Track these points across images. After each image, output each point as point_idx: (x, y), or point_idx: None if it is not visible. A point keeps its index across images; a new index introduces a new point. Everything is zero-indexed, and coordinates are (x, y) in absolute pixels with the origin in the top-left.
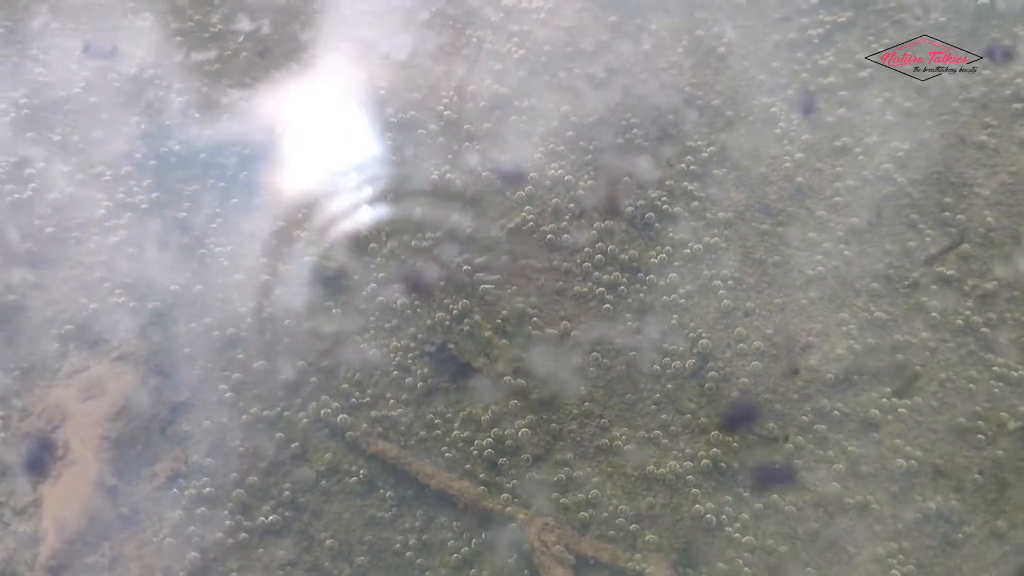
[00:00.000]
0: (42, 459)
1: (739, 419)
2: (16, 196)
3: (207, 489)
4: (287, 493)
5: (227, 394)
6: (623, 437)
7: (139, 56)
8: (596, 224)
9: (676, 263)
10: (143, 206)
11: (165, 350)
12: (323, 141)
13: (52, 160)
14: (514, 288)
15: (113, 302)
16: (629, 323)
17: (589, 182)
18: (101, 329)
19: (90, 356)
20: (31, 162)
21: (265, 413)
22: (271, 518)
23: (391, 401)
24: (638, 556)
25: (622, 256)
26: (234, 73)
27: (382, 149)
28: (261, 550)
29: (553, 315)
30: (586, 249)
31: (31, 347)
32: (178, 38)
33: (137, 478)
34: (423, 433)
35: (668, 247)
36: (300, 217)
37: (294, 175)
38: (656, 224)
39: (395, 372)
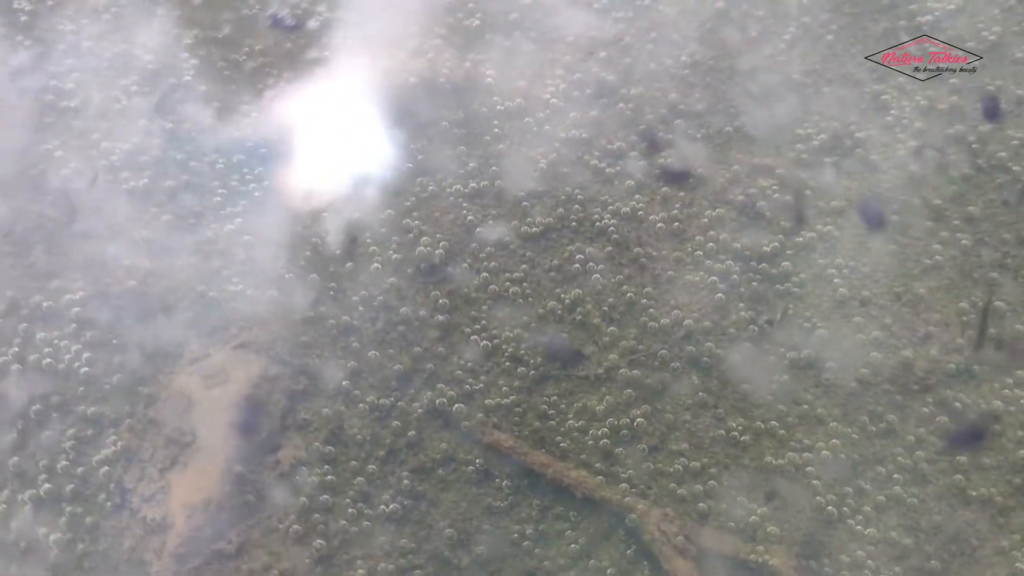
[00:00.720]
0: None
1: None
2: (132, 184)
3: (328, 477)
4: (406, 482)
5: (343, 383)
6: (739, 428)
7: (247, 44)
8: (707, 213)
9: (789, 251)
10: (256, 193)
11: (282, 339)
12: (445, 139)
13: (167, 148)
14: (626, 275)
15: (231, 290)
16: (743, 312)
17: (699, 170)
18: (219, 317)
19: (210, 344)
20: (146, 150)
21: (381, 402)
22: (391, 506)
23: (504, 389)
24: (760, 548)
25: (735, 244)
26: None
27: (490, 140)
28: (383, 538)
29: (665, 304)
30: (697, 238)
31: (152, 334)
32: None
33: (261, 465)
34: (536, 423)
35: (780, 235)
36: (407, 206)
37: (409, 169)
38: (767, 213)
39: (507, 363)
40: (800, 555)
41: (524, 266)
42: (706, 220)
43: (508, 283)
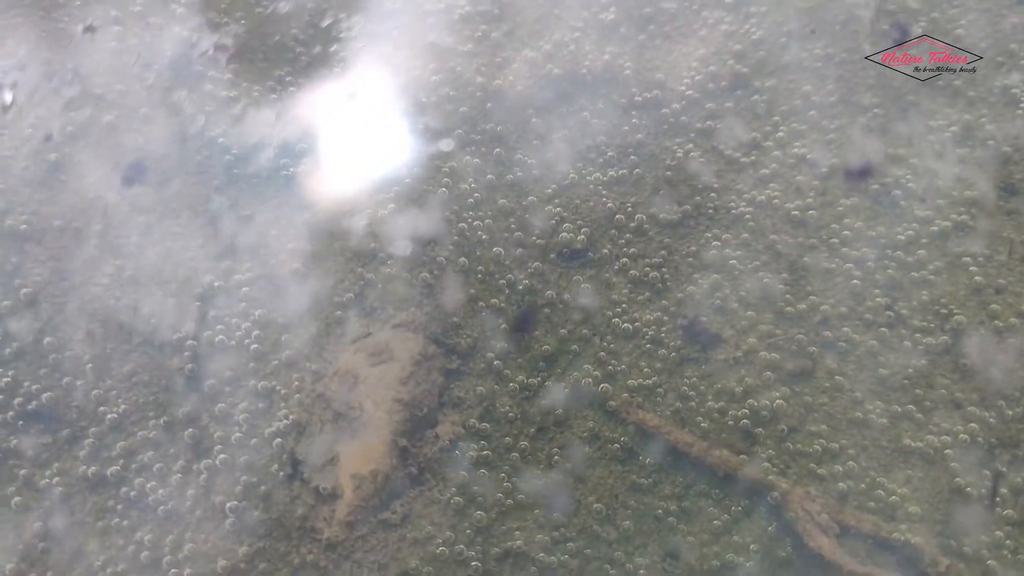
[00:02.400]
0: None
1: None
2: (291, 170)
3: (484, 452)
4: (556, 458)
5: (495, 363)
6: (876, 411)
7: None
8: (841, 201)
9: (923, 240)
10: (407, 180)
11: (436, 320)
12: (586, 128)
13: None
14: (762, 262)
15: (386, 272)
16: (878, 299)
17: (833, 160)
18: (377, 298)
19: (370, 323)
20: (303, 139)
21: (529, 381)
22: (542, 481)
23: (645, 370)
24: (903, 527)
25: (869, 233)
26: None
27: (628, 130)
28: (536, 511)
29: (801, 290)
30: (832, 226)
31: (314, 314)
32: None
33: (422, 440)
34: (677, 404)
35: (915, 224)
36: (548, 194)
37: (550, 158)
38: (902, 202)
39: (648, 345)
40: (941, 534)
41: (663, 252)
42: (840, 208)
43: (648, 268)
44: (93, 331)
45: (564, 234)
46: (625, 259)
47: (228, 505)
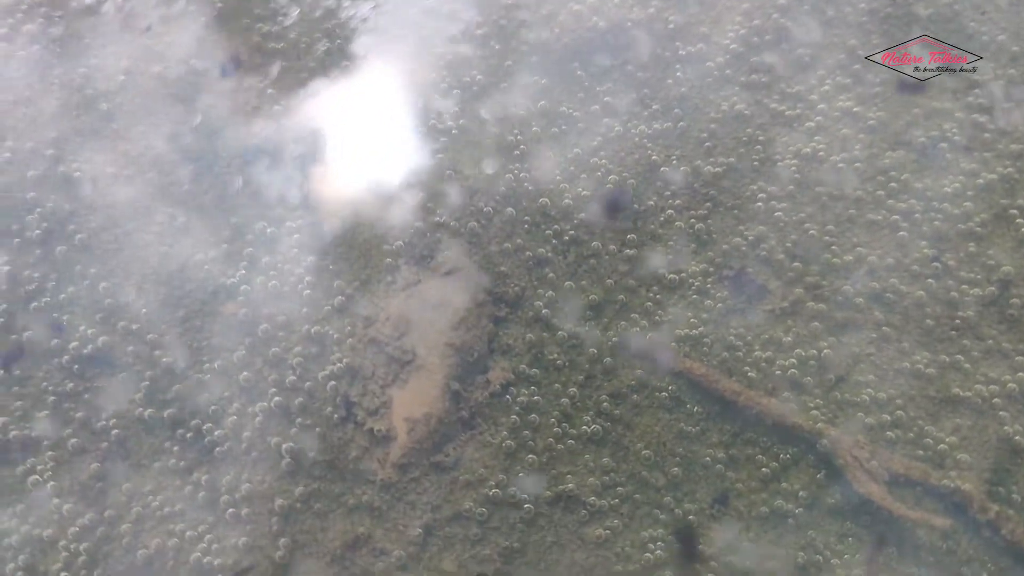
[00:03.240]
0: None
1: None
2: (341, 124)
3: (535, 398)
4: (605, 404)
5: (543, 311)
6: (923, 361)
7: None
8: (887, 154)
9: (970, 192)
10: (454, 132)
11: (484, 268)
12: (630, 81)
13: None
14: (808, 214)
15: (434, 221)
16: (925, 250)
17: (879, 113)
18: (425, 245)
19: (420, 271)
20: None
21: (577, 330)
22: (592, 427)
23: (692, 321)
24: (953, 474)
25: (916, 185)
26: None
27: (672, 84)
28: (587, 456)
29: (848, 241)
30: (878, 178)
31: (364, 262)
32: None
33: (474, 385)
34: (724, 354)
35: (961, 176)
36: (594, 146)
37: (596, 111)
38: (948, 155)
39: (694, 296)
40: (990, 482)
41: (708, 204)
42: (886, 161)
43: (693, 220)
44: (147, 277)
45: (609, 186)
46: (670, 211)
47: (284, 447)
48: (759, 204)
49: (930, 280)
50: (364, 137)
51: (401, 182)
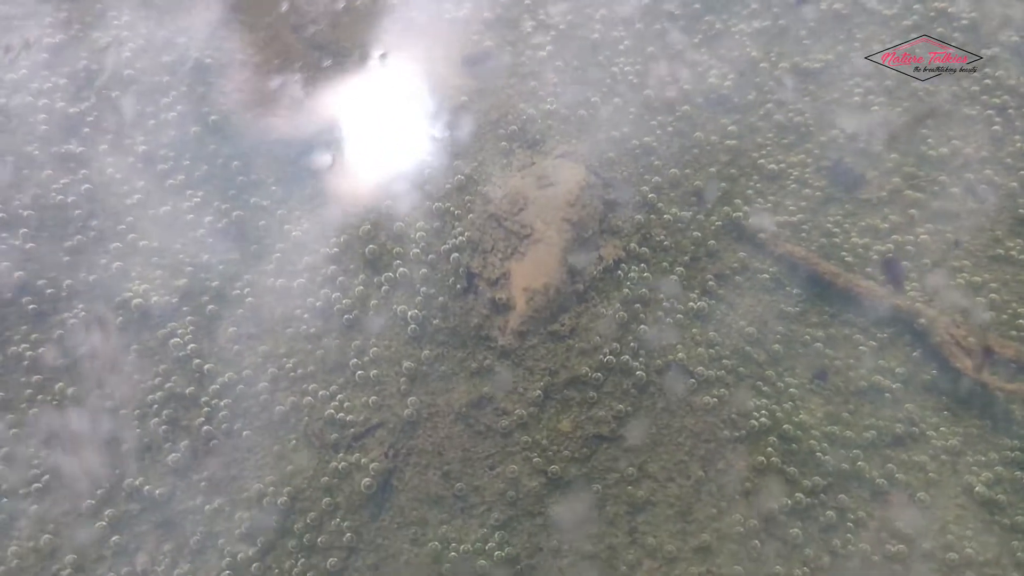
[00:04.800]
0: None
1: None
2: (454, 14)
3: (645, 275)
4: (710, 283)
5: (649, 195)
6: (1017, 248)
7: None
8: (981, 51)
9: None
10: (561, 27)
11: (594, 154)
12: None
13: None
14: (904, 108)
15: (545, 108)
16: (1018, 144)
17: (972, 14)
18: (538, 131)
19: (533, 154)
20: None
21: (682, 214)
22: (698, 304)
23: (791, 208)
24: None
25: (1009, 81)
26: None
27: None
28: (695, 330)
29: (943, 135)
30: (974, 74)
31: (480, 145)
32: None
33: (588, 261)
34: (822, 240)
35: None
36: (695, 43)
37: (697, 9)
38: None
39: (793, 185)
40: None
41: (806, 99)
42: (982, 59)
43: (791, 114)
44: (273, 150)
45: (711, 80)
46: (770, 104)
47: (409, 314)
48: (857, 98)
49: (1023, 172)
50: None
51: (510, 71)
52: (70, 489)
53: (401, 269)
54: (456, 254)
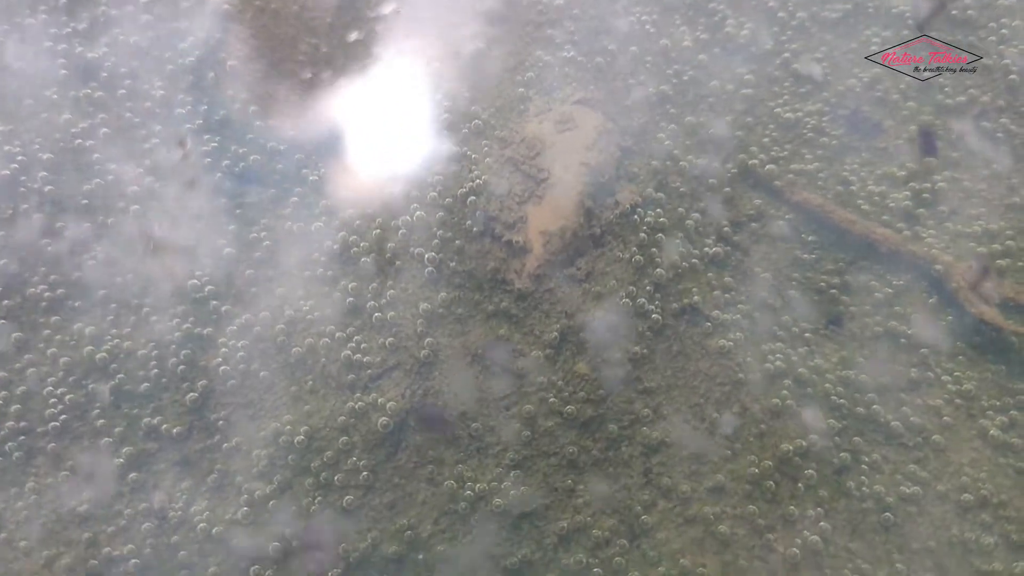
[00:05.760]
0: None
1: None
2: None
3: (661, 219)
4: (726, 229)
5: (665, 142)
6: None
7: None
8: (999, 3)
9: None
10: None
11: (610, 100)
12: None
13: None
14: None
15: (562, 56)
16: None
17: None
18: (555, 78)
19: (550, 101)
20: None
21: (699, 161)
22: (714, 249)
23: (807, 157)
24: None
25: None
26: None
27: None
28: (710, 274)
29: (960, 84)
30: (990, 24)
31: (497, 91)
32: None
33: (604, 206)
34: (838, 188)
35: None
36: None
37: None
38: None
39: (809, 134)
40: None
41: (823, 48)
42: (998, 9)
43: (810, 62)
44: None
45: (728, 29)
46: (787, 54)
47: (426, 256)
48: (874, 47)
49: None
50: None
51: (528, 21)
52: (89, 427)
53: (418, 212)
54: (473, 197)
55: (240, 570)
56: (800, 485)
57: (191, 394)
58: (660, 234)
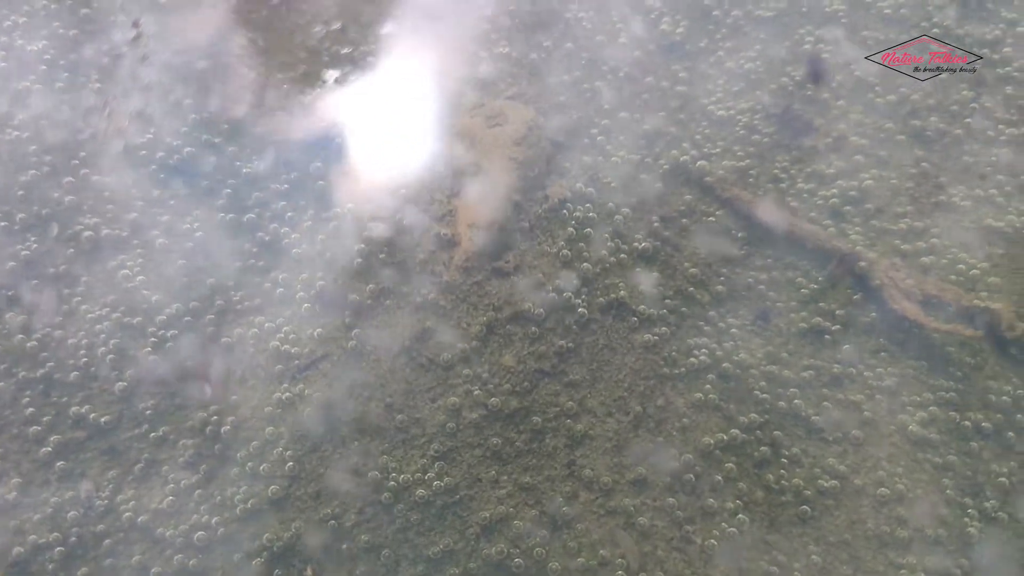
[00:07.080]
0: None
1: None
2: None
3: (590, 214)
4: (656, 224)
5: (598, 137)
6: (958, 195)
7: None
8: (931, 1)
9: (1009, 40)
10: None
11: (544, 95)
12: None
13: None
14: (853, 57)
15: (498, 52)
16: (964, 92)
17: None
18: (489, 73)
19: (483, 95)
20: None
21: (631, 157)
22: (643, 245)
23: (739, 154)
24: (984, 294)
25: (957, 31)
26: None
27: None
28: (637, 270)
29: (891, 83)
30: (922, 24)
31: (431, 85)
32: None
33: (533, 199)
34: (769, 185)
35: (1002, 25)
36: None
37: None
38: (988, 4)
39: (741, 131)
40: (1019, 303)
41: (758, 46)
42: (929, 8)
43: (743, 61)
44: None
45: (663, 27)
46: (721, 52)
47: (356, 248)
48: (807, 46)
49: (968, 120)
50: None
51: (463, 18)
52: (18, 415)
53: (349, 205)
54: (403, 190)
55: (164, 558)
56: (720, 478)
57: (120, 384)
58: (589, 229)
